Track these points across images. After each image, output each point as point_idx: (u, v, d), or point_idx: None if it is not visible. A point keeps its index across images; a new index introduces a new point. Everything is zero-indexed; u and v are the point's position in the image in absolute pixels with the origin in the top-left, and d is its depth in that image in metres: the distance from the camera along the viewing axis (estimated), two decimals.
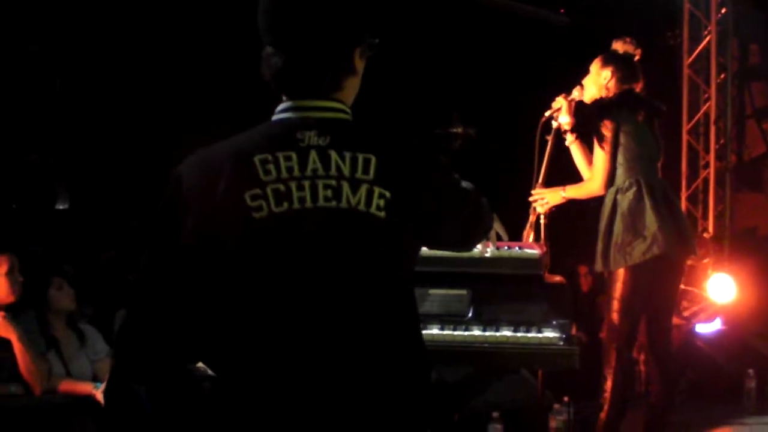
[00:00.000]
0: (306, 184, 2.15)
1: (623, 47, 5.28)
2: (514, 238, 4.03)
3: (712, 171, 8.86)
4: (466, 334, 3.65)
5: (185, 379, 2.26)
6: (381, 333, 2.18)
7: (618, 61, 5.23)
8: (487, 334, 3.65)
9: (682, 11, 8.92)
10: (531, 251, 3.90)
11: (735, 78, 9.05)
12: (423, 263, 2.29)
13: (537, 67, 7.79)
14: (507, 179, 6.08)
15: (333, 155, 2.18)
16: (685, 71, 8.95)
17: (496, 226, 3.18)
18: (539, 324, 3.65)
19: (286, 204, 2.14)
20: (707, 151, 8.95)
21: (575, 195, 5.19)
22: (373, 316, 2.17)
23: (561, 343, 3.61)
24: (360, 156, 2.18)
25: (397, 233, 2.19)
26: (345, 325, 2.14)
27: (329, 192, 2.15)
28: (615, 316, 5.02)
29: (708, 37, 8.84)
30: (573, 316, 3.71)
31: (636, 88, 5.24)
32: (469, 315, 3.74)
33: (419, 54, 7.66)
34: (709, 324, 7.76)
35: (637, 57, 5.30)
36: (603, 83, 5.20)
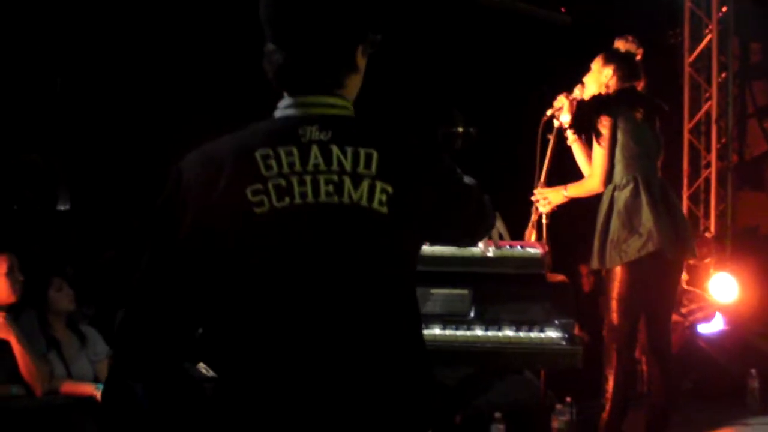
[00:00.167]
0: (307, 179, 2.14)
1: (625, 46, 5.27)
2: (516, 237, 4.03)
3: (713, 170, 8.85)
4: (468, 334, 3.65)
5: (183, 378, 2.25)
6: (382, 330, 2.17)
7: (619, 60, 5.22)
8: (490, 333, 3.64)
9: (683, 10, 8.91)
10: (533, 250, 3.89)
11: (736, 77, 9.04)
12: (424, 263, 2.28)
13: (538, 66, 7.78)
14: (509, 178, 6.07)
15: (335, 150, 2.17)
16: (686, 70, 8.94)
17: (498, 225, 3.18)
18: (541, 324, 3.65)
19: (287, 199, 2.13)
20: (709, 151, 8.94)
21: (576, 193, 5.18)
22: (375, 312, 2.16)
23: (564, 343, 3.60)
24: (362, 151, 2.17)
25: (400, 228, 2.17)
26: (346, 322, 2.13)
27: (331, 187, 2.14)
28: (614, 315, 5.01)
29: (709, 36, 8.83)
30: (575, 315, 3.70)
31: (637, 86, 5.22)
32: (471, 315, 3.73)
33: (421, 53, 7.64)
34: (708, 323, 7.74)
35: (639, 56, 5.29)
36: (604, 81, 5.20)
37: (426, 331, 3.59)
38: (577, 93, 5.26)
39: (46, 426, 4.91)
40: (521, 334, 3.62)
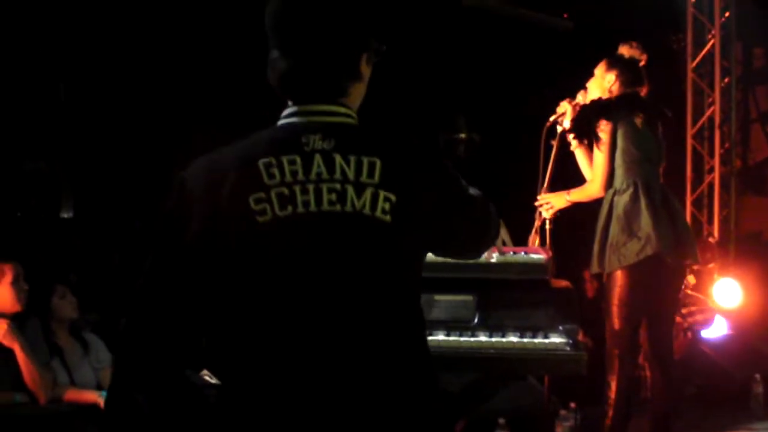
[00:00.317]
0: (310, 187, 2.14)
1: (629, 52, 5.27)
2: (519, 243, 4.02)
3: (716, 175, 8.85)
4: (472, 340, 3.64)
5: (186, 386, 2.25)
6: (386, 337, 2.16)
7: (622, 65, 5.21)
8: (494, 339, 3.64)
9: (685, 15, 8.91)
10: (537, 256, 3.89)
11: (739, 82, 9.03)
12: (428, 269, 2.27)
13: (542, 72, 7.78)
14: (512, 184, 6.06)
15: (338, 159, 2.16)
16: (689, 75, 8.93)
17: (501, 231, 3.17)
18: (546, 329, 3.64)
19: (290, 208, 2.13)
20: (712, 156, 8.94)
21: (578, 198, 5.18)
22: (378, 320, 2.16)
23: (568, 349, 3.60)
24: (365, 159, 2.17)
25: (403, 237, 2.17)
26: (349, 330, 2.13)
27: (333, 196, 2.14)
28: (615, 320, 5.00)
29: (712, 41, 8.82)
30: (579, 321, 3.69)
31: (640, 92, 5.22)
32: (475, 321, 3.73)
33: (424, 59, 7.65)
34: (708, 326, 7.72)
35: (643, 62, 5.28)
36: (606, 87, 5.19)
37: (430, 338, 3.60)
38: (580, 98, 5.25)
39: None
40: (525, 340, 3.61)
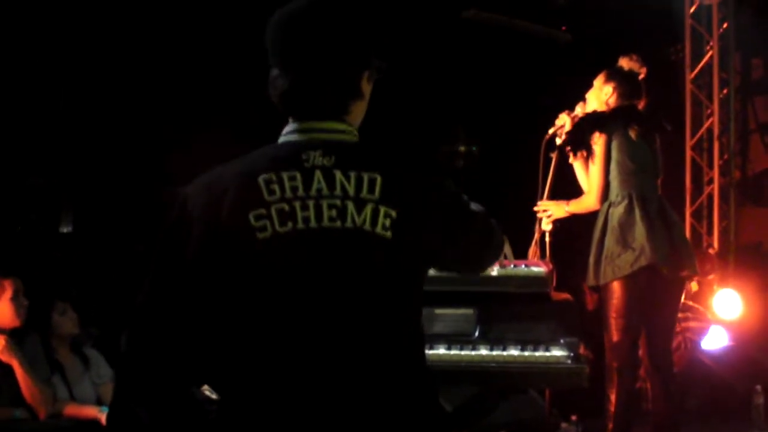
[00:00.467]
0: (310, 203, 2.14)
1: (629, 64, 5.28)
2: (519, 256, 4.02)
3: (716, 186, 8.84)
4: (473, 353, 3.64)
5: (188, 401, 2.24)
6: (386, 353, 2.16)
7: (620, 78, 5.22)
8: (495, 353, 3.64)
9: (683, 26, 8.92)
10: (537, 269, 3.89)
11: (738, 93, 9.03)
12: (428, 283, 2.28)
13: (541, 85, 7.78)
14: (511, 196, 6.06)
15: (338, 175, 2.17)
16: (688, 86, 8.93)
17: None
18: (547, 342, 3.64)
19: (290, 224, 2.13)
20: (711, 167, 8.93)
21: (575, 210, 5.19)
22: (378, 336, 2.16)
23: (569, 362, 3.60)
24: (365, 175, 2.17)
25: (404, 253, 2.17)
26: (349, 346, 2.13)
27: (334, 212, 2.14)
28: (613, 333, 4.99)
29: (710, 52, 8.83)
30: (581, 334, 3.69)
31: (637, 105, 5.22)
32: (476, 334, 3.72)
33: (423, 72, 7.65)
34: (704, 335, 7.70)
35: (642, 75, 5.29)
36: (604, 99, 5.20)
37: (431, 351, 3.60)
38: (579, 110, 5.26)
39: None
40: (526, 353, 3.61)
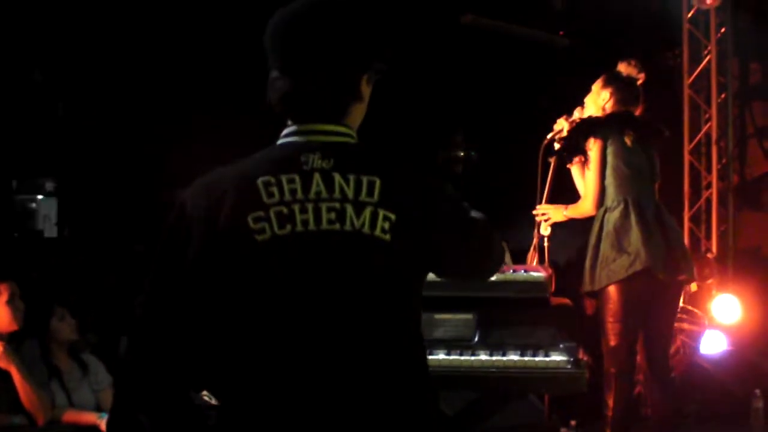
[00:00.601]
0: (309, 206, 2.14)
1: (627, 69, 5.28)
2: (517, 261, 4.01)
3: (714, 191, 8.83)
4: (472, 359, 3.64)
5: (188, 407, 2.24)
6: (385, 357, 2.16)
7: (618, 83, 5.23)
8: (494, 358, 3.63)
9: (681, 31, 8.92)
10: (536, 274, 3.89)
11: (736, 97, 9.03)
12: (428, 288, 2.27)
13: (540, 90, 7.79)
14: (510, 202, 6.06)
15: (337, 178, 2.16)
16: (686, 91, 8.92)
17: None
18: (546, 347, 3.64)
19: (289, 227, 2.13)
20: (709, 171, 8.92)
21: (573, 214, 5.20)
22: (377, 340, 2.16)
23: (569, 367, 3.59)
24: (364, 178, 2.16)
25: (403, 256, 2.17)
26: (349, 350, 2.13)
27: (333, 215, 2.14)
28: (610, 338, 4.99)
29: (708, 57, 8.82)
30: (580, 339, 3.69)
31: (634, 111, 5.23)
32: (476, 339, 3.72)
33: (423, 77, 7.66)
34: (701, 339, 7.69)
35: (641, 80, 5.29)
36: (601, 104, 5.21)
37: (431, 357, 3.59)
38: (577, 115, 5.26)
39: None
40: (526, 358, 3.61)
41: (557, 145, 5.24)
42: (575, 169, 5.27)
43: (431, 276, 2.33)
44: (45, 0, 7.01)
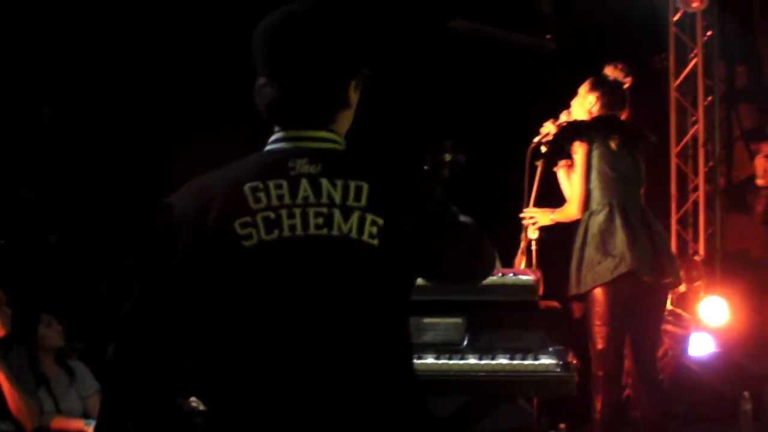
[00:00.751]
0: (297, 211, 2.13)
1: (614, 73, 5.29)
2: (505, 264, 4.01)
3: (701, 194, 8.84)
4: (462, 363, 3.63)
5: (176, 413, 2.23)
6: (373, 362, 2.15)
7: (604, 87, 5.24)
8: (483, 362, 3.63)
9: (668, 34, 8.93)
10: (525, 277, 3.88)
11: (722, 100, 9.05)
12: (416, 292, 2.26)
13: (528, 94, 7.79)
14: (498, 205, 6.06)
15: (324, 183, 2.16)
16: (673, 94, 8.94)
17: None
18: (536, 351, 3.63)
19: (276, 232, 2.12)
20: (696, 174, 8.94)
21: (559, 218, 5.21)
22: (366, 345, 2.15)
23: (558, 370, 3.59)
24: (352, 183, 2.16)
25: (391, 261, 2.16)
26: (337, 355, 2.12)
27: (320, 219, 2.13)
28: (597, 341, 5.00)
29: (694, 60, 8.85)
30: (569, 342, 3.68)
31: (620, 115, 5.24)
32: (465, 343, 3.71)
33: (410, 82, 7.66)
34: (687, 340, 7.70)
35: (627, 84, 5.30)
36: (588, 108, 5.22)
37: (419, 361, 3.58)
38: (564, 118, 5.27)
39: None
40: (515, 362, 3.60)
41: (544, 149, 5.24)
42: (561, 173, 5.28)
43: (420, 280, 2.33)
44: (40, 2, 7.00)
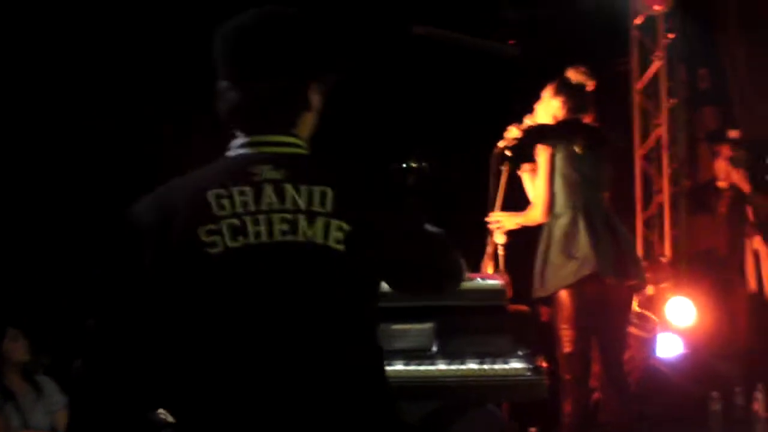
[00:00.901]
0: (261, 218, 2.13)
1: (576, 77, 5.29)
2: (472, 269, 4.00)
3: (666, 195, 8.89)
4: (431, 368, 3.63)
5: (145, 427, 2.21)
6: (343, 368, 2.15)
7: (568, 92, 5.25)
8: (453, 367, 3.63)
9: (629, 38, 8.98)
10: (493, 282, 3.89)
11: (685, 103, 9.11)
12: (385, 298, 2.26)
13: (491, 98, 7.81)
14: (463, 210, 6.07)
15: (288, 189, 2.15)
16: (636, 97, 8.99)
17: None
18: (505, 355, 3.63)
19: (241, 239, 2.11)
20: (661, 176, 8.99)
21: (524, 222, 5.22)
22: (334, 351, 2.14)
23: (528, 374, 3.59)
24: (316, 189, 2.15)
25: (357, 267, 2.16)
26: (305, 362, 2.11)
27: (285, 225, 2.13)
28: (564, 345, 5.01)
29: (657, 63, 8.90)
30: (538, 345, 3.69)
31: (584, 118, 5.25)
32: (434, 349, 3.71)
33: (373, 88, 7.65)
34: (653, 339, 7.74)
35: (590, 87, 5.31)
36: (552, 112, 5.23)
37: (389, 368, 3.56)
38: (528, 122, 5.28)
39: None
40: (485, 366, 3.60)
41: (509, 153, 5.25)
42: (526, 177, 5.29)
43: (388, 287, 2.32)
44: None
